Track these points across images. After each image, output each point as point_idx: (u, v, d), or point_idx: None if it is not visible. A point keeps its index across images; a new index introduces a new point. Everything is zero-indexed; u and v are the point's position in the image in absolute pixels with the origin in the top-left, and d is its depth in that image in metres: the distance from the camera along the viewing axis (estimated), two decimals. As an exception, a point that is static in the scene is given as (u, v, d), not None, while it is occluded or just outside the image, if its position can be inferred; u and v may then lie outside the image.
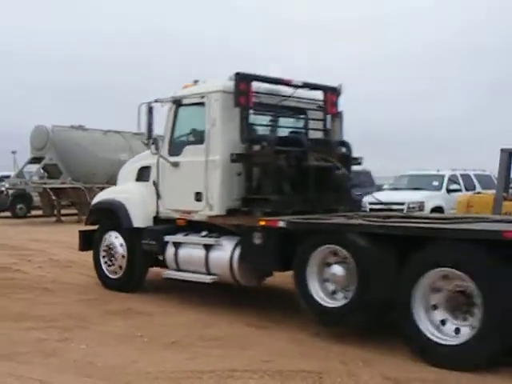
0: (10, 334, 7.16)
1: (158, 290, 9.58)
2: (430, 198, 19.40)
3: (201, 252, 8.61)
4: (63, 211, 25.79)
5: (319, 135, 9.52)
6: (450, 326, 6.14)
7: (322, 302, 7.14)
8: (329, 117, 9.59)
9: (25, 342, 6.79)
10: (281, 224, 7.53)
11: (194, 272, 8.79)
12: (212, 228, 8.75)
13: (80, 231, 10.72)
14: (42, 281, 10.71)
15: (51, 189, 24.55)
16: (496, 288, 5.75)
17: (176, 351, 6.50)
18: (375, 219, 7.52)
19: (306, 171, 8.57)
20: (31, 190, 25.88)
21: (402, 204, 18.40)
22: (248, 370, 5.81)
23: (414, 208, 18.36)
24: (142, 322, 7.82)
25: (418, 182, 21.06)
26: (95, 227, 10.42)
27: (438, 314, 6.21)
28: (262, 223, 7.77)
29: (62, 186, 24.48)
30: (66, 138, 24.95)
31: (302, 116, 9.68)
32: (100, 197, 10.85)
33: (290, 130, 9.62)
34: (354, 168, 9.55)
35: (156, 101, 9.28)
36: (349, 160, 9.22)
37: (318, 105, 9.54)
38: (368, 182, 22.63)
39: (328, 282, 7.22)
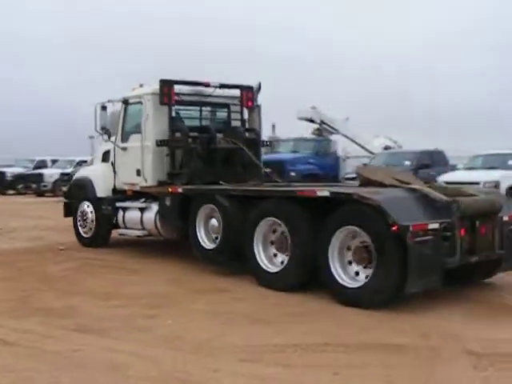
0: (99, 311, 7.48)
1: (238, 273, 9.75)
2: (506, 178, 18.94)
3: (138, 213, 11.37)
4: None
5: (237, 124, 11.95)
6: (278, 258, 8.58)
7: (205, 246, 9.81)
8: (246, 109, 12.09)
9: (114, 319, 7.08)
10: (179, 190, 10.38)
11: (135, 229, 11.54)
12: (149, 196, 11.27)
13: (64, 203, 13.82)
14: (128, 262, 11.06)
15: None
16: (298, 230, 8.09)
17: (260, 327, 6.68)
18: (240, 186, 10.24)
19: (215, 152, 11.21)
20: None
21: (478, 184, 18.07)
22: (329, 344, 5.94)
23: (489, 188, 17.97)
24: (225, 299, 8.03)
25: (493, 162, 20.54)
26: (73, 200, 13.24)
27: (272, 249, 8.67)
28: (170, 190, 10.57)
29: None
30: None
31: (223, 109, 12.20)
32: (77, 175, 13.95)
33: (215, 120, 12.25)
34: (427, 148, 10.09)
35: (109, 101, 12.12)
36: (256, 143, 11.90)
37: (235, 100, 11.93)
38: (441, 162, 22.32)
39: (210, 231, 9.76)
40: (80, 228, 12.86)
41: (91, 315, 7.28)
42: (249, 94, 11.91)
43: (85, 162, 28.72)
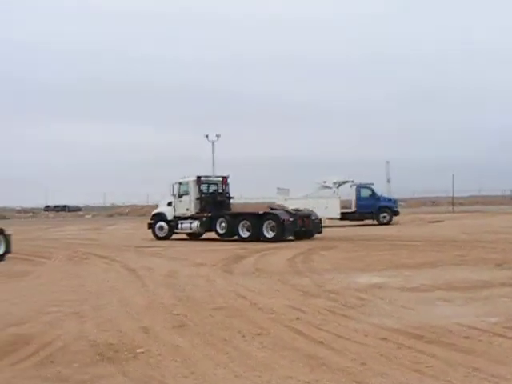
0: None
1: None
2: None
3: (189, 224, 29.68)
4: None
5: (220, 190, 31.01)
6: (246, 233, 27.82)
7: (220, 232, 28.77)
8: (224, 185, 31.23)
9: None
10: (209, 214, 29.27)
11: (186, 231, 30.27)
12: (192, 218, 29.74)
13: (148, 223, 31.68)
14: None
15: None
16: (256, 225, 27.28)
17: None
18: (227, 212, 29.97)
19: (214, 200, 30.19)
20: None
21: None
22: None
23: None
24: None
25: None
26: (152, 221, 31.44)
27: (244, 230, 27.92)
28: (205, 215, 29.39)
29: None
30: None
31: (217, 184, 30.98)
32: (156, 211, 31.79)
33: (216, 189, 30.97)
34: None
35: (175, 182, 30.67)
36: (228, 195, 30.92)
37: (220, 181, 31.14)
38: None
39: (222, 228, 28.65)
40: (157, 232, 30.18)
41: None
42: (225, 179, 30.72)
43: None
